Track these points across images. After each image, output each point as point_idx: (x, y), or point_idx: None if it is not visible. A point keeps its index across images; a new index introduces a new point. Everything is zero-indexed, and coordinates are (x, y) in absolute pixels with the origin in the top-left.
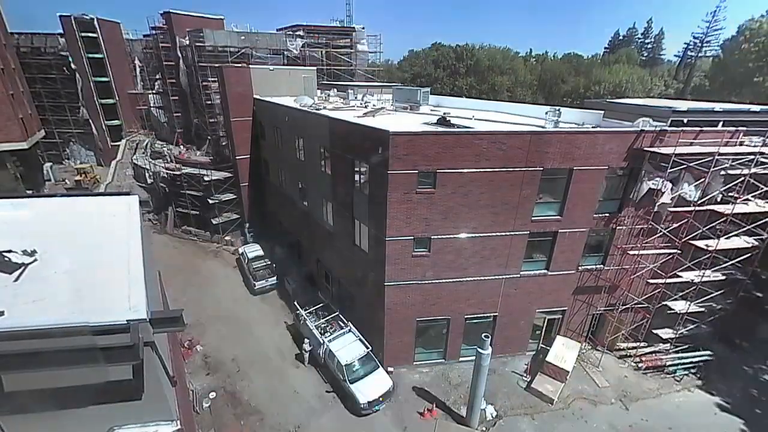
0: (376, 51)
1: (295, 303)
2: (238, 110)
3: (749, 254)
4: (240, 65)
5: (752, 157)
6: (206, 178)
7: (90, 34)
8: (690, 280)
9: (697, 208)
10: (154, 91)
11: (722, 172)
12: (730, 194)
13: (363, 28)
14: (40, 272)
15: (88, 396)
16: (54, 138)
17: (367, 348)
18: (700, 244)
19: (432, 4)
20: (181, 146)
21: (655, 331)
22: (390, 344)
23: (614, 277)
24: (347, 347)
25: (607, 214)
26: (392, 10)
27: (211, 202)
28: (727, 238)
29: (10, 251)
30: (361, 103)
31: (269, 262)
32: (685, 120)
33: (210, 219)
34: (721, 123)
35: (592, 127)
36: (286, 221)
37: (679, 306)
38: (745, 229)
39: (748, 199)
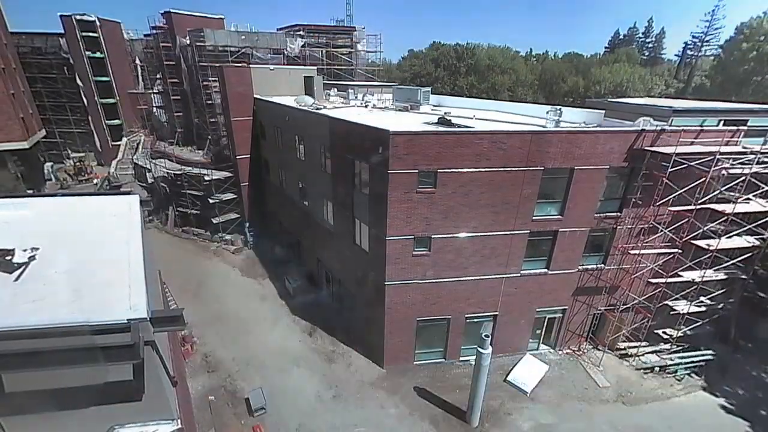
0: (376, 51)
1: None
2: (239, 110)
3: (750, 254)
4: (240, 65)
5: (753, 156)
6: (207, 178)
7: (91, 34)
8: (691, 279)
9: (698, 207)
10: (154, 91)
11: (723, 171)
12: (731, 193)
13: (363, 27)
14: (40, 272)
15: (89, 396)
16: (55, 138)
17: None
18: (701, 243)
19: (432, 4)
20: (179, 146)
21: (656, 331)
22: (390, 344)
23: (615, 277)
24: None
25: (608, 214)
26: (392, 10)
27: (211, 201)
28: (728, 238)
29: (10, 251)
30: (361, 103)
31: None
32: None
33: (210, 218)
34: (721, 122)
35: (593, 127)
36: (287, 221)
37: (680, 306)
38: (746, 228)
39: (749, 199)
